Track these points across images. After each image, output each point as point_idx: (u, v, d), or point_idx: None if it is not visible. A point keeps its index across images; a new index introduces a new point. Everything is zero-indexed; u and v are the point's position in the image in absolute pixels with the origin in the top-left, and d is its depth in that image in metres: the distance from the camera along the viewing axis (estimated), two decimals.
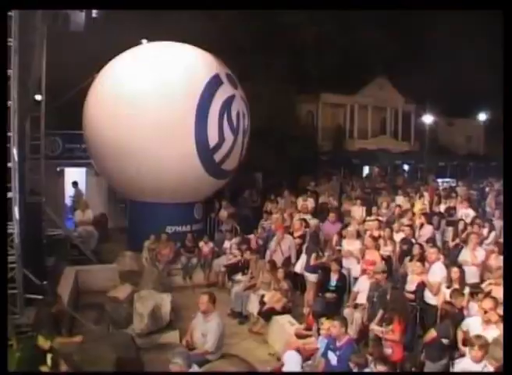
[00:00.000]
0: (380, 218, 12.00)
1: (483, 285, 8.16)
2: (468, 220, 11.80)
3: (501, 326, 5.86)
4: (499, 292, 7.46)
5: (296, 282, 9.87)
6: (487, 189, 20.04)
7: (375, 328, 6.79)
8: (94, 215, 14.78)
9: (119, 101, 11.81)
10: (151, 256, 11.82)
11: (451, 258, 11.14)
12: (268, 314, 8.61)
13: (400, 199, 15.94)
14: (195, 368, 5.46)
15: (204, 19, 21.79)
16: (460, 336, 6.30)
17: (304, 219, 11.46)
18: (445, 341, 6.13)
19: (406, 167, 34.02)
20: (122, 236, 14.77)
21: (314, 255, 9.34)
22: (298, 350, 6.88)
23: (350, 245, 9.62)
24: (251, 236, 12.07)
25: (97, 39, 18.66)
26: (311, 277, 9.25)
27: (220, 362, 5.97)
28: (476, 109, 37.21)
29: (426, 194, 17.03)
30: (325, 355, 6.33)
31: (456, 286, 7.39)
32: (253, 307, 9.17)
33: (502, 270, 7.68)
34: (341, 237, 10.28)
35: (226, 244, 11.98)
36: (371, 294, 7.50)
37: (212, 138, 12.11)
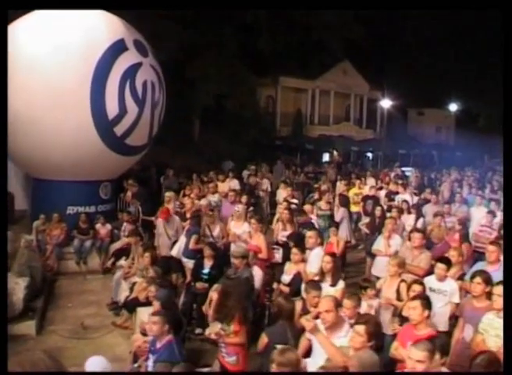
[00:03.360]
0: (294, 201, 10.99)
1: (380, 281, 6.73)
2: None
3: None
4: (390, 291, 6.34)
5: (177, 268, 8.72)
6: (444, 177, 19.44)
7: (214, 328, 5.28)
8: None
9: (14, 68, 10.51)
10: (40, 238, 10.76)
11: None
12: (132, 305, 7.51)
13: (337, 184, 15.36)
14: None
15: None
16: (303, 345, 4.82)
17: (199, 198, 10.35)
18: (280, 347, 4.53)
19: (370, 155, 33.13)
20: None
21: (194, 238, 8.20)
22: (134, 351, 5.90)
23: (238, 228, 8.41)
24: (153, 218, 10.97)
25: None
26: (189, 264, 8.10)
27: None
28: (447, 100, 36.54)
29: (372, 180, 16.39)
30: (147, 358, 5.18)
31: (328, 279, 6.15)
32: (122, 296, 8.10)
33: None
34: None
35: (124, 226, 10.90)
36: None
37: (111, 109, 10.82)
